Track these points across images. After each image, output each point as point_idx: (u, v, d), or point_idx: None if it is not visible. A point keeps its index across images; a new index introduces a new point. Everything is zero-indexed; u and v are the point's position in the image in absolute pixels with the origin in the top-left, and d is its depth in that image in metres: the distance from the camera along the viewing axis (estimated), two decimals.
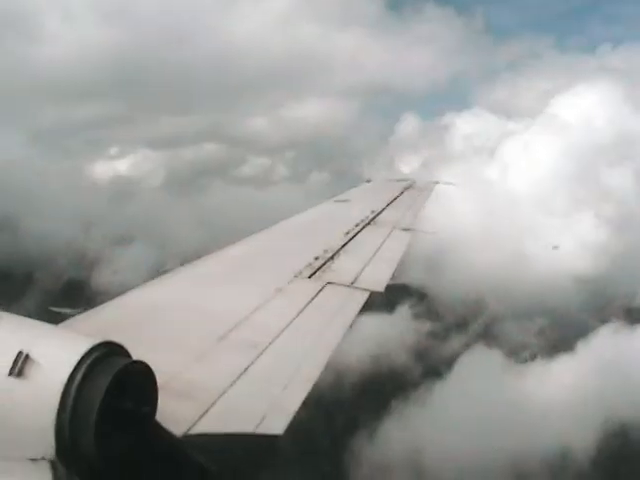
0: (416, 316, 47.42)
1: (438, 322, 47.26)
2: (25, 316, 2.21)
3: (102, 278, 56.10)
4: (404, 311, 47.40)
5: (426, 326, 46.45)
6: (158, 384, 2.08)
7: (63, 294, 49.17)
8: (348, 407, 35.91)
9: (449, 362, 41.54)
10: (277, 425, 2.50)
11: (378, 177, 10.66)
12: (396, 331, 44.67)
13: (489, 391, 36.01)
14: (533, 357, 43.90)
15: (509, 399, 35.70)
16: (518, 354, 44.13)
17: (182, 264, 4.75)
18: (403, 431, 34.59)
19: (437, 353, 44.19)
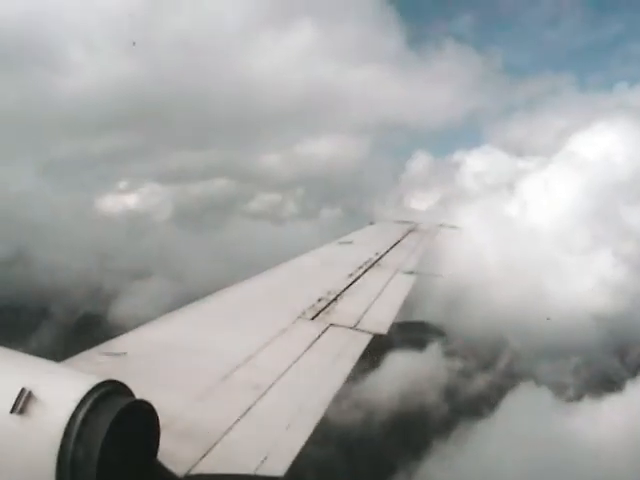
0: (447, 354, 46.54)
1: (467, 360, 46.37)
2: (38, 350, 2.28)
3: (119, 312, 55.94)
4: (434, 349, 46.65)
5: (457, 364, 45.57)
6: (161, 424, 2.11)
7: (78, 328, 48.89)
8: (379, 445, 34.65)
9: (487, 400, 40.42)
10: (279, 466, 2.50)
11: (382, 219, 10.79)
12: (427, 369, 43.82)
13: (534, 430, 34.69)
14: (579, 397, 42.86)
15: (554, 438, 34.28)
16: (562, 393, 42.96)
17: (197, 299, 4.83)
18: (445, 471, 33.22)
19: (466, 391, 43.12)
